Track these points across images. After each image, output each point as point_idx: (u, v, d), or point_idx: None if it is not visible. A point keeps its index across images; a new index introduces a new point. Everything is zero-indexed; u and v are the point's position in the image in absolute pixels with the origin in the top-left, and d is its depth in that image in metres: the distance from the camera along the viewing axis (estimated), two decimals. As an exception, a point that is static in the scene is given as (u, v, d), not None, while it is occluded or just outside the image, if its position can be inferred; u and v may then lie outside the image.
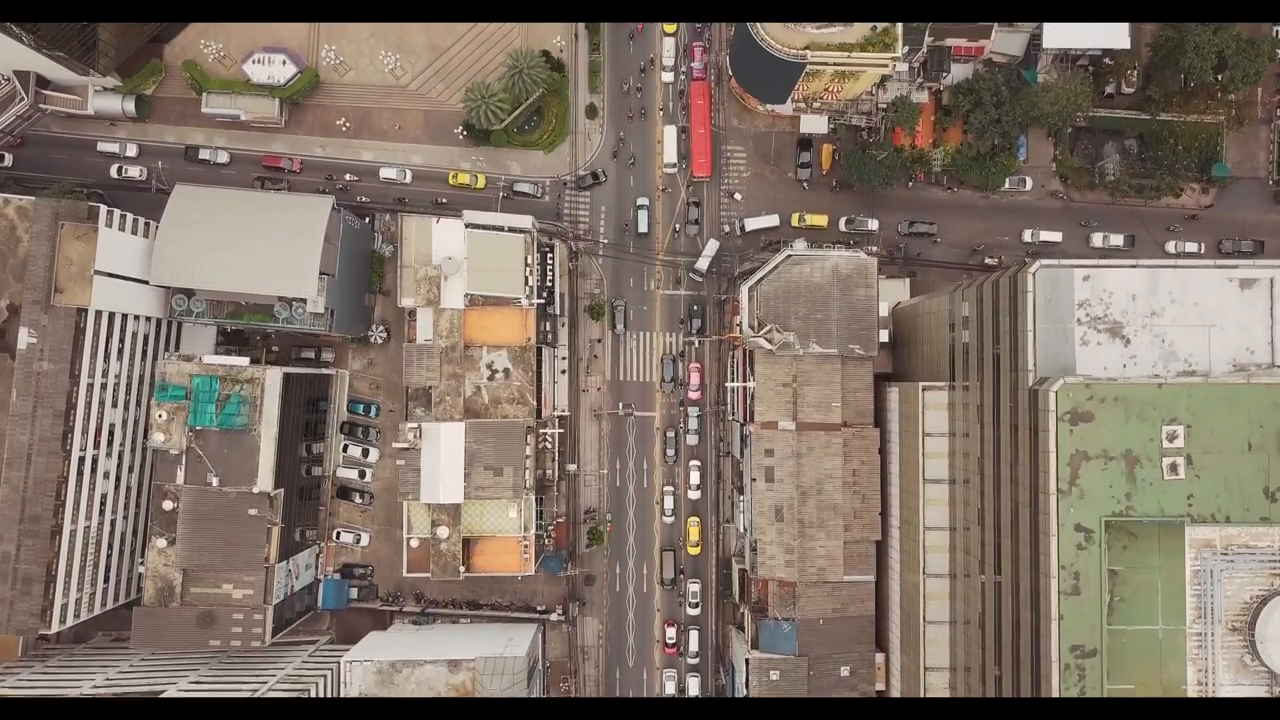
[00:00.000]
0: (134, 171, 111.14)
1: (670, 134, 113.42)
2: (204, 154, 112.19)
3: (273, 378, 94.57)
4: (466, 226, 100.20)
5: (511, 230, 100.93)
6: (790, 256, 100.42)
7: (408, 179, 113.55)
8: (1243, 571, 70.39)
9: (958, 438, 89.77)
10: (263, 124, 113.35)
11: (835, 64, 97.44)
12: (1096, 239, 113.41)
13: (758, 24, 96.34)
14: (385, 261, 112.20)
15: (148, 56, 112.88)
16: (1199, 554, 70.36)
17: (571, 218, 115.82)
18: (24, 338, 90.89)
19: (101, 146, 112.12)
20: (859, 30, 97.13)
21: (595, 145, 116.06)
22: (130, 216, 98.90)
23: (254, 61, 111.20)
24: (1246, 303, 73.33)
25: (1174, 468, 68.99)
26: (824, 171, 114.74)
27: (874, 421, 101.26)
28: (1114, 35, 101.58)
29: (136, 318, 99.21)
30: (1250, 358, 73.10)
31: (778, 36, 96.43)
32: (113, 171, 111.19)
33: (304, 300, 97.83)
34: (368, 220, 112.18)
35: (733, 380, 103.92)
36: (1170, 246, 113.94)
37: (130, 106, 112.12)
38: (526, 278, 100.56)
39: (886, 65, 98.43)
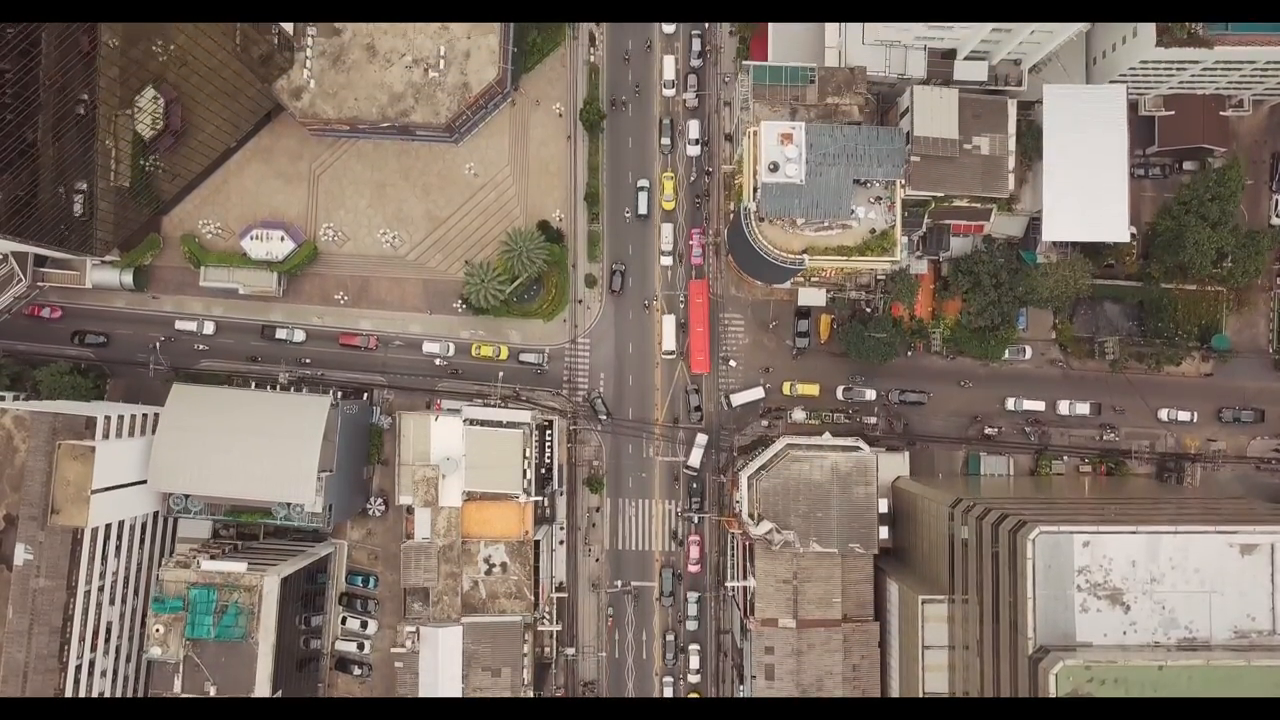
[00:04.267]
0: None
1: (669, 324, 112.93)
2: (280, 334, 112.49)
3: (270, 585, 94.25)
4: (465, 423, 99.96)
5: (509, 425, 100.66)
6: (789, 451, 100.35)
7: (450, 352, 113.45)
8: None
9: (958, 650, 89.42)
10: (261, 295, 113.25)
11: (834, 267, 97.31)
12: (1063, 406, 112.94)
13: (754, 226, 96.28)
14: (384, 432, 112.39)
15: (146, 231, 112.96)
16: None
17: (570, 383, 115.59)
18: (20, 554, 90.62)
19: (179, 325, 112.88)
20: (857, 234, 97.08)
21: (594, 313, 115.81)
22: (129, 415, 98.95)
23: (252, 238, 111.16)
24: (1247, 569, 73.01)
25: (1175, 751, 68.51)
26: (823, 341, 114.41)
27: (874, 612, 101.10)
28: (1114, 229, 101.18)
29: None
30: (1251, 624, 72.76)
31: (775, 240, 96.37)
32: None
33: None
34: (366, 397, 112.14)
35: (733, 579, 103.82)
36: (1163, 414, 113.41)
37: (128, 279, 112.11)
38: (525, 471, 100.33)
39: (886, 266, 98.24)
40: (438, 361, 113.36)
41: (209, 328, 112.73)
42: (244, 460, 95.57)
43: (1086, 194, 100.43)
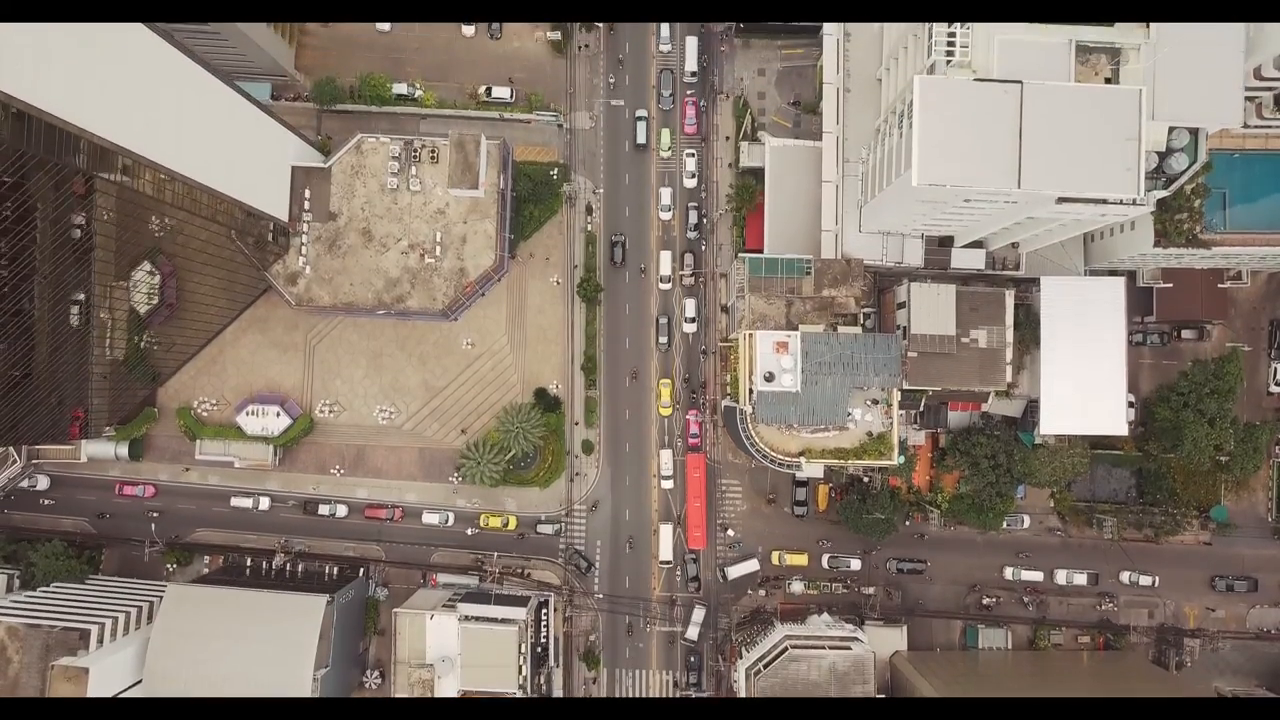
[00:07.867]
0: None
1: (666, 534, 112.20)
2: (323, 509, 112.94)
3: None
4: (460, 620, 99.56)
5: (504, 621, 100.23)
6: (788, 647, 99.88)
7: (450, 523, 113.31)
8: None
9: None
10: (257, 467, 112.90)
11: (832, 466, 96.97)
12: (1060, 576, 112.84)
13: (750, 428, 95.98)
14: (380, 604, 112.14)
15: (141, 405, 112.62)
16: None
17: (567, 547, 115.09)
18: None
19: (235, 502, 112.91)
20: (854, 435, 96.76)
21: (591, 480, 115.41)
22: (124, 615, 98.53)
23: (247, 413, 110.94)
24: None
25: None
26: (821, 510, 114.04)
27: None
28: (1112, 423, 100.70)
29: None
30: None
31: (771, 442, 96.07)
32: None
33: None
34: (362, 572, 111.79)
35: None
36: (1124, 578, 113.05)
37: (123, 451, 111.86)
38: (520, 668, 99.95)
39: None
40: (469, 532, 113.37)
41: (264, 503, 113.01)
42: (239, 666, 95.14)
43: (1084, 387, 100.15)
